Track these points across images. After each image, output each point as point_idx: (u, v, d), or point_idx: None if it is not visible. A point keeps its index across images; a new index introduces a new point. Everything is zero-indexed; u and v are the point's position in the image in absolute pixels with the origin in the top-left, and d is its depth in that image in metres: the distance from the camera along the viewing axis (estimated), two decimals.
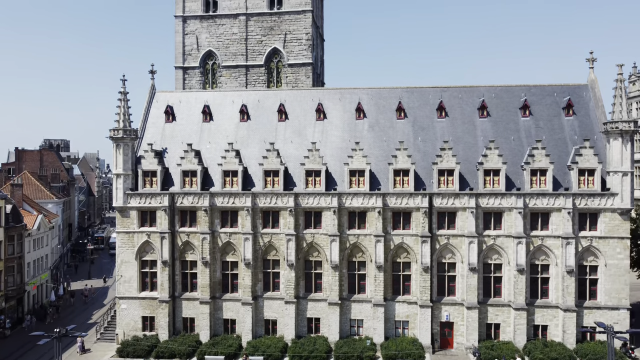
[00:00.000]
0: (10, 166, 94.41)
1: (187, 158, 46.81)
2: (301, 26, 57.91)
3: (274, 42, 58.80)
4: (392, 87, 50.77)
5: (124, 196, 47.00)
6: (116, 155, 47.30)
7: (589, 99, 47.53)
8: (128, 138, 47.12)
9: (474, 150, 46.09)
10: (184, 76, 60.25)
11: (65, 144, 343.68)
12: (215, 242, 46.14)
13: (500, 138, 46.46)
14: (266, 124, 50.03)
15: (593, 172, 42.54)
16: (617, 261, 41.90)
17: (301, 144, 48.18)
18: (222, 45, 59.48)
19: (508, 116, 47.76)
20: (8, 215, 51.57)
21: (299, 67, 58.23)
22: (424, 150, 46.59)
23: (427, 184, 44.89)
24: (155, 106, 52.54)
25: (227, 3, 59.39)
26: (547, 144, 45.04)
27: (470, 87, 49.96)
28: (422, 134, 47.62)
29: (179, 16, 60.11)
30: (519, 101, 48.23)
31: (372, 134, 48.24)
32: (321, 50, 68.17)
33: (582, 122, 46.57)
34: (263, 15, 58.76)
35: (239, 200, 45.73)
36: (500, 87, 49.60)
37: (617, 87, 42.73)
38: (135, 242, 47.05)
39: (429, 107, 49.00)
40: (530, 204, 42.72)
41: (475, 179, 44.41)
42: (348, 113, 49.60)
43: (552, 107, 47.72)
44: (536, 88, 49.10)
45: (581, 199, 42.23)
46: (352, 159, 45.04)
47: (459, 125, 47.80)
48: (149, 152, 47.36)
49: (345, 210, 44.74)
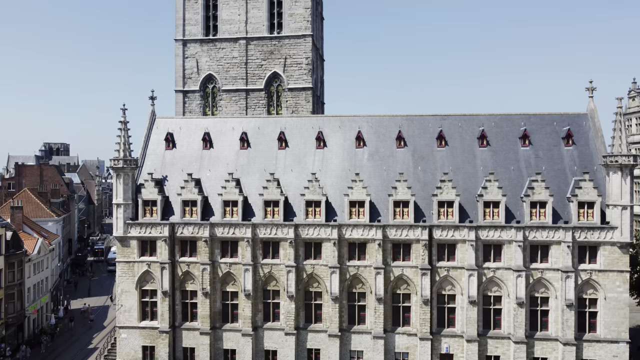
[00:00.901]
0: (10, 181, 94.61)
1: (187, 188, 46.87)
2: (301, 50, 57.98)
3: (274, 66, 58.87)
4: (392, 114, 50.87)
5: (124, 226, 47.05)
6: (116, 184, 47.35)
7: (588, 129, 47.61)
8: (128, 168, 47.20)
9: (473, 181, 46.16)
10: (184, 99, 60.32)
11: (65, 148, 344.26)
12: (216, 272, 46.21)
13: (500, 168, 46.54)
14: (266, 152, 50.09)
15: (593, 204, 42.61)
16: (616, 294, 41.97)
17: (301, 173, 48.25)
18: (222, 69, 59.54)
19: (508, 145, 47.83)
20: (8, 242, 51.64)
21: (299, 92, 58.31)
22: (423, 180, 46.65)
23: (427, 214, 44.96)
24: (156, 132, 52.61)
25: (227, 27, 59.45)
26: (547, 175, 45.12)
27: (470, 116, 50.03)
28: (422, 164, 47.69)
29: (179, 40, 60.19)
30: (518, 130, 48.29)
31: (372, 162, 48.31)
32: (321, 70, 68.25)
33: (581, 152, 46.64)
34: (263, 39, 58.84)
35: (239, 231, 45.80)
36: (500, 115, 49.68)
37: (616, 120, 42.84)
38: (135, 271, 47.11)
39: (428, 136, 49.08)
40: (530, 236, 42.80)
41: (475, 210, 44.48)
42: (348, 141, 49.67)
43: (552, 136, 47.79)
44: (536, 117, 49.18)
45: (581, 232, 42.30)
46: (352, 189, 45.11)
47: (458, 154, 47.86)
48: (149, 182, 47.41)
49: (345, 241, 44.82)
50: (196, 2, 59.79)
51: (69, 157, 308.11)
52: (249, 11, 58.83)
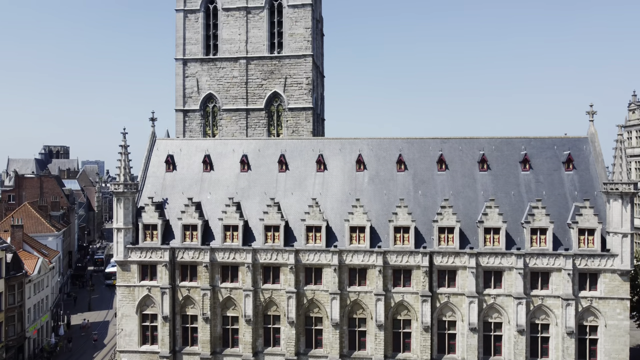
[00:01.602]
0: (10, 192, 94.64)
1: (188, 212, 46.86)
2: (301, 70, 57.96)
3: (274, 85, 58.85)
4: (392, 137, 50.88)
5: (125, 250, 47.06)
6: (117, 209, 47.35)
7: (589, 153, 47.62)
8: (129, 192, 47.21)
9: (474, 206, 46.17)
10: (184, 119, 60.29)
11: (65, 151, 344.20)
12: (216, 297, 46.20)
13: (501, 193, 46.56)
14: (266, 175, 50.09)
15: (593, 232, 42.62)
16: (617, 322, 41.99)
17: (302, 196, 48.26)
18: (222, 89, 59.53)
19: (508, 169, 47.83)
20: (8, 265, 51.60)
21: (299, 111, 58.30)
22: (424, 205, 46.65)
23: (427, 240, 44.96)
24: (156, 154, 52.61)
25: (228, 46, 59.42)
26: (547, 200, 45.16)
27: (470, 139, 50.04)
28: (423, 188, 47.69)
29: (179, 59, 60.15)
30: (519, 154, 48.30)
31: (372, 186, 48.30)
32: (321, 87, 68.23)
33: (582, 176, 46.65)
34: (263, 59, 58.81)
35: (239, 256, 45.81)
36: (500, 139, 49.68)
37: (617, 148, 42.85)
38: (135, 296, 47.11)
39: (429, 159, 49.08)
40: (531, 263, 42.82)
41: (476, 236, 44.48)
42: (348, 164, 49.67)
43: (552, 160, 47.80)
44: (536, 140, 49.19)
45: (581, 259, 42.32)
46: (353, 215, 45.11)
47: (459, 178, 47.87)
48: (149, 206, 47.40)
49: (345, 267, 44.83)
50: (196, 21, 59.77)
51: (68, 161, 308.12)
52: (249, 31, 58.82)
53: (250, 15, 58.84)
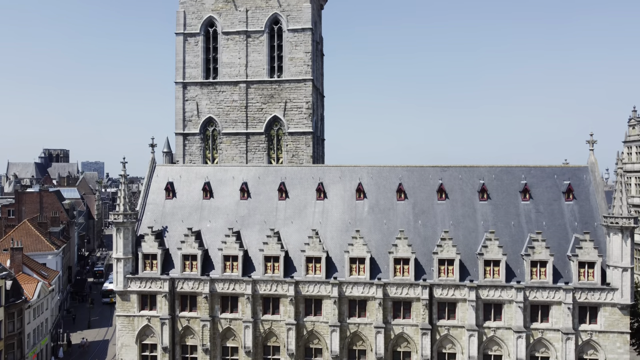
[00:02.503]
0: (9, 208, 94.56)
1: (188, 242, 46.82)
2: (301, 95, 57.90)
3: (274, 110, 58.79)
4: (392, 165, 50.83)
5: (124, 280, 47.01)
6: (116, 238, 47.32)
7: (589, 182, 47.58)
8: (128, 222, 47.16)
9: (474, 236, 46.14)
10: (184, 142, 60.28)
11: (64, 154, 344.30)
12: (216, 327, 46.16)
13: (501, 223, 46.54)
14: (266, 203, 50.04)
15: (593, 265, 42.58)
16: (617, 356, 41.97)
17: (302, 225, 48.24)
18: (222, 112, 59.48)
19: (508, 199, 47.78)
20: (8, 292, 51.54)
21: (299, 136, 58.24)
22: (424, 235, 46.61)
23: (427, 271, 44.91)
24: (156, 180, 52.60)
25: (228, 70, 59.37)
26: (547, 231, 45.15)
27: (470, 167, 50.00)
28: (423, 217, 47.64)
29: (179, 82, 60.10)
30: (519, 183, 48.26)
31: (372, 216, 48.26)
32: (321, 107, 68.18)
33: (582, 207, 46.61)
34: (263, 83, 58.75)
35: (239, 287, 45.79)
36: (500, 167, 49.67)
37: (617, 181, 42.79)
38: (135, 325, 47.07)
39: (429, 188, 49.04)
40: (531, 296, 42.78)
41: (476, 267, 44.43)
42: (348, 192, 49.63)
43: (552, 189, 47.77)
44: (536, 169, 49.16)
45: (581, 292, 42.29)
46: (353, 246, 45.07)
47: (459, 207, 47.82)
48: (149, 235, 47.35)
49: (345, 298, 44.79)
50: (196, 45, 59.72)
51: (68, 165, 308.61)
52: (249, 55, 58.76)
53: (250, 39, 58.79)
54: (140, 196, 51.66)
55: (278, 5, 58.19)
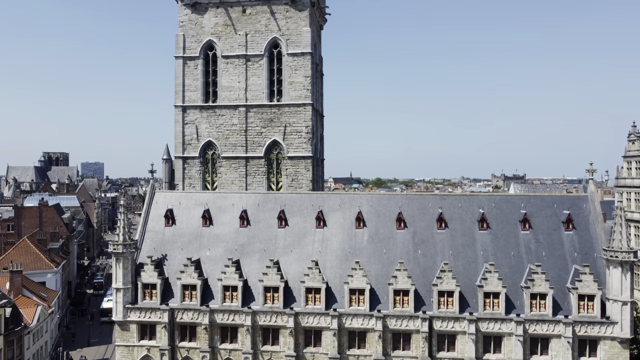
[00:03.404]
0: (9, 223, 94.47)
1: (187, 272, 46.79)
2: (301, 119, 57.85)
3: (274, 134, 58.74)
4: (392, 193, 50.88)
5: (124, 310, 46.96)
6: (116, 268, 47.26)
7: (588, 212, 47.57)
8: (128, 252, 47.12)
9: (473, 267, 46.12)
10: (184, 166, 60.22)
11: (64, 157, 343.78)
12: (215, 358, 46.10)
13: (500, 253, 46.53)
14: (266, 231, 50.02)
15: (593, 297, 42.56)
16: None
17: (301, 254, 48.22)
18: (221, 136, 59.42)
19: (508, 229, 47.77)
20: (8, 320, 51.49)
21: (298, 160, 58.19)
22: (424, 266, 46.58)
23: (426, 302, 44.88)
24: (155, 207, 52.59)
25: (227, 94, 59.31)
26: (547, 262, 45.17)
27: (470, 196, 50.13)
28: (422, 247, 47.61)
29: (178, 106, 60.06)
30: (518, 212, 48.23)
31: (371, 245, 48.24)
32: (321, 127, 68.14)
33: (581, 237, 46.60)
34: (263, 107, 58.71)
35: (238, 318, 45.77)
36: (500, 196, 49.76)
37: (616, 215, 42.76)
38: (135, 356, 47.04)
39: (428, 217, 49.01)
40: (530, 329, 42.76)
41: (475, 298, 44.40)
42: (348, 221, 49.61)
43: (552, 219, 47.75)
44: (536, 198, 49.19)
45: (581, 326, 42.28)
46: (352, 277, 45.03)
47: (458, 237, 47.80)
48: (149, 265, 47.33)
49: (345, 330, 44.77)
50: (196, 69, 59.65)
51: (68, 168, 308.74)
52: (248, 78, 58.71)
53: (249, 63, 58.73)
54: (140, 223, 51.61)
55: (278, 29, 58.13)
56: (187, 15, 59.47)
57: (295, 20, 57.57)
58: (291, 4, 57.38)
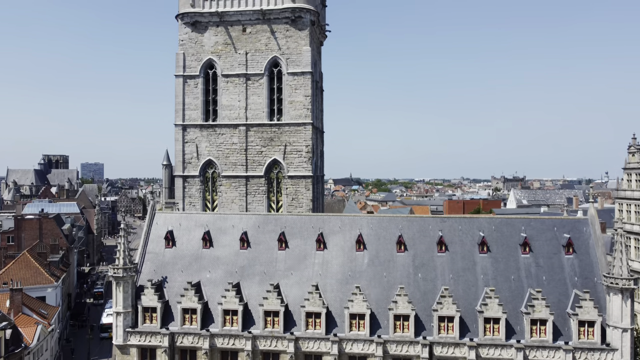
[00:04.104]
0: (9, 234, 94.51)
1: (187, 296, 46.80)
2: (301, 138, 57.82)
3: (274, 153, 58.72)
4: (392, 215, 50.87)
5: (124, 334, 46.95)
6: (116, 292, 47.26)
7: (589, 236, 47.59)
8: (128, 276, 47.11)
9: (473, 291, 46.14)
10: (184, 184, 60.20)
11: (64, 160, 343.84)
12: None
13: (500, 277, 46.55)
14: (266, 253, 50.04)
15: (593, 324, 42.56)
16: None
17: (301, 277, 48.24)
18: (222, 155, 59.40)
19: (508, 252, 47.78)
20: (8, 341, 51.49)
21: (298, 179, 58.18)
22: (424, 290, 46.58)
23: (427, 327, 44.87)
24: (155, 228, 52.61)
25: (227, 113, 59.31)
26: (547, 286, 45.20)
27: (470, 218, 50.13)
28: (423, 270, 47.61)
29: (178, 125, 60.05)
30: (519, 235, 48.26)
31: (372, 268, 48.24)
32: (321, 144, 68.12)
33: (582, 261, 46.62)
34: (263, 126, 58.69)
35: (239, 342, 45.77)
36: (500, 219, 49.77)
37: (616, 241, 42.76)
38: None
39: (429, 240, 49.03)
40: (530, 355, 42.76)
41: (475, 323, 44.39)
42: (348, 243, 49.63)
43: (552, 242, 47.78)
44: (536, 221, 49.21)
45: (581, 352, 42.28)
46: (353, 302, 45.03)
47: (458, 260, 47.81)
48: (149, 289, 47.32)
49: (345, 355, 44.77)
50: (196, 87, 59.65)
51: (68, 171, 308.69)
52: (248, 97, 58.69)
53: (249, 82, 58.72)
54: (140, 245, 51.61)
55: (278, 48, 58.11)
56: (187, 34, 59.46)
57: (295, 39, 57.56)
58: (291, 24, 57.37)
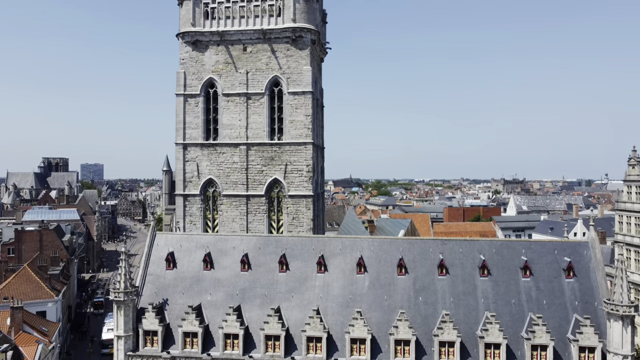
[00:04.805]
0: (9, 246, 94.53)
1: (188, 320, 46.83)
2: (301, 157, 57.88)
3: (275, 172, 58.76)
4: (393, 237, 50.87)
5: (125, 357, 46.98)
6: (117, 316, 47.28)
7: (589, 259, 47.67)
8: (129, 300, 47.15)
9: (474, 315, 46.19)
10: (185, 203, 60.23)
11: (64, 163, 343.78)
12: None
13: (501, 301, 46.60)
14: (267, 275, 50.09)
15: (594, 350, 42.62)
16: None
17: (302, 300, 48.29)
18: (222, 174, 59.45)
19: (509, 275, 47.85)
20: None
21: (299, 199, 58.24)
22: (424, 314, 46.63)
23: (427, 351, 44.91)
24: (156, 249, 52.66)
25: (228, 132, 59.36)
26: (548, 310, 45.25)
27: (471, 241, 50.11)
28: (423, 294, 47.66)
29: (179, 143, 60.11)
30: (519, 259, 48.33)
31: (373, 291, 48.28)
32: (322, 159, 68.19)
33: (582, 284, 46.68)
34: (263, 145, 58.74)
35: None
36: (501, 241, 49.87)
37: (617, 268, 42.82)
38: None
39: (429, 262, 49.09)
40: None
41: (476, 348, 44.43)
42: (349, 266, 49.67)
43: (553, 266, 47.84)
44: (536, 244, 49.30)
45: None
46: (354, 327, 45.05)
47: (459, 284, 47.87)
48: (149, 312, 47.35)
49: None
50: (197, 106, 59.68)
51: (68, 174, 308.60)
52: (249, 116, 58.75)
53: (250, 101, 58.79)
54: (141, 267, 51.66)
55: (278, 67, 58.17)
56: (187, 53, 59.51)
57: (296, 59, 57.60)
58: (292, 43, 57.41)
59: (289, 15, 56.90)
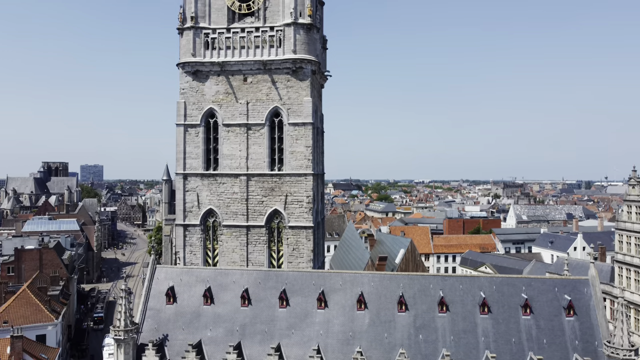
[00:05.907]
0: (9, 265, 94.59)
1: (189, 358, 46.69)
2: (302, 188, 57.85)
3: (275, 203, 58.72)
4: (393, 273, 50.92)
5: None
6: (117, 353, 47.29)
7: (589, 297, 47.66)
8: (129, 337, 47.18)
9: (474, 354, 46.17)
10: (185, 233, 60.20)
11: (64, 167, 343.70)
12: None
13: (501, 340, 46.59)
14: (267, 311, 50.08)
15: None
16: None
17: (302, 336, 48.30)
18: (222, 204, 59.42)
19: (509, 313, 47.84)
20: None
21: (299, 230, 58.20)
22: (425, 352, 46.60)
23: None
24: (156, 283, 52.67)
25: (228, 162, 59.31)
26: (548, 350, 45.26)
27: (471, 277, 50.23)
28: (424, 332, 47.66)
29: (180, 173, 60.08)
30: (519, 296, 48.32)
31: (373, 328, 48.28)
32: (322, 185, 68.18)
33: (582, 323, 46.67)
34: (264, 176, 58.70)
35: None
36: (501, 278, 49.82)
37: (617, 310, 42.85)
38: None
39: (430, 299, 49.08)
40: None
41: None
42: (349, 302, 49.67)
43: (553, 304, 47.83)
44: (536, 281, 49.32)
45: None
46: None
47: (459, 321, 47.86)
48: (150, 349, 47.32)
49: None
50: (197, 136, 59.64)
51: (67, 179, 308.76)
52: (249, 147, 58.71)
53: (250, 132, 58.73)
54: (141, 302, 51.64)
55: (279, 98, 58.13)
56: (188, 83, 59.45)
57: (296, 89, 57.56)
58: (292, 74, 57.37)
59: (289, 47, 56.85)
